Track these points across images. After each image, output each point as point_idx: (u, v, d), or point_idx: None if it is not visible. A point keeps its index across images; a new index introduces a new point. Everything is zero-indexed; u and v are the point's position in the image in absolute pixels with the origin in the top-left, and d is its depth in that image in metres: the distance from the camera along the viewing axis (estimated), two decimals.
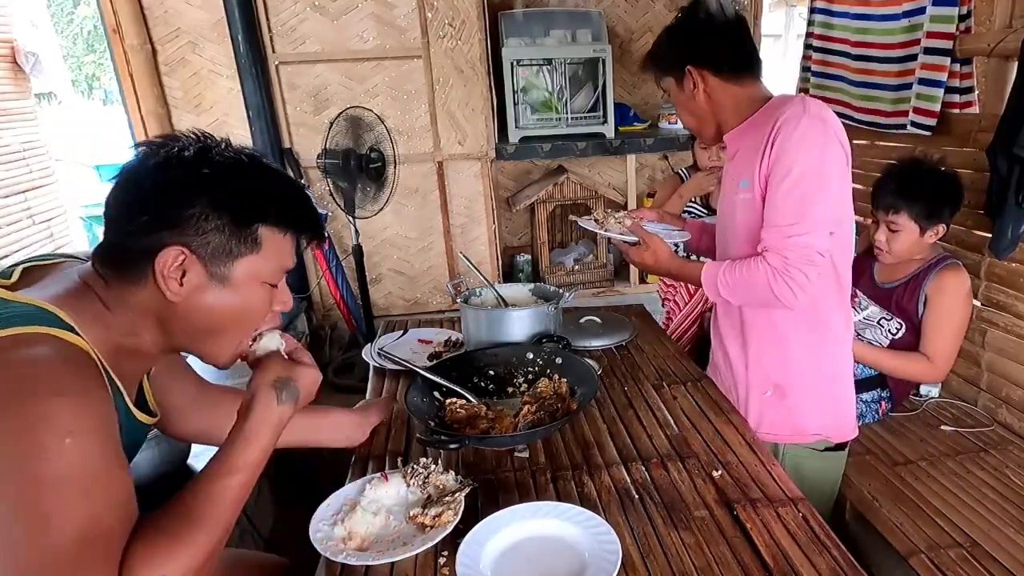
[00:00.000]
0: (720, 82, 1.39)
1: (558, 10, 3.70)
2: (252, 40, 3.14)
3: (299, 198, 0.93)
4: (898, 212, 1.84)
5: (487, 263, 3.73)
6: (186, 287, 0.83)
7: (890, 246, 1.89)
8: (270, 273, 0.89)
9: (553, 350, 1.50)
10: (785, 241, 1.27)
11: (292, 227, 0.91)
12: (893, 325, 1.96)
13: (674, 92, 1.46)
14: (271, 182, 0.90)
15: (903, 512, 1.59)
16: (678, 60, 1.40)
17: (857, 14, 2.53)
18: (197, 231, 0.82)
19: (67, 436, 0.71)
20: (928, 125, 2.25)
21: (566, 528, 1.04)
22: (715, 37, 1.39)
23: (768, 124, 1.31)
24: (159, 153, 0.83)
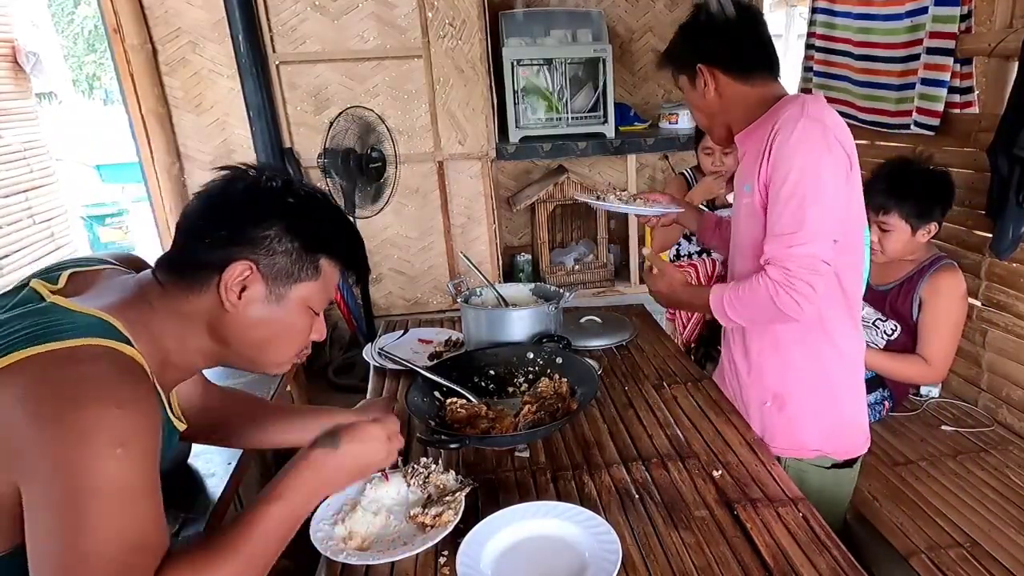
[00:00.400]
0: (730, 81, 1.35)
1: (558, 10, 3.70)
2: (252, 40, 3.14)
3: (357, 239, 1.02)
4: (888, 212, 1.84)
5: (487, 263, 3.73)
6: (244, 300, 0.88)
7: (882, 246, 1.88)
8: (318, 301, 0.96)
9: (553, 350, 1.50)
10: (786, 251, 1.22)
11: (347, 263, 0.99)
12: (888, 327, 1.95)
13: (687, 90, 1.43)
14: (338, 220, 0.98)
15: (903, 512, 1.59)
16: (690, 58, 1.38)
17: (860, 14, 2.53)
18: (268, 251, 0.89)
19: (119, 447, 0.73)
20: (931, 125, 2.25)
21: (566, 528, 1.04)
22: (725, 35, 1.35)
23: (769, 126, 1.28)
24: (248, 176, 0.91)
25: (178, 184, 3.47)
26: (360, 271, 1.02)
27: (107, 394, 0.75)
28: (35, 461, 0.73)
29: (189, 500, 1.60)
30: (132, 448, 0.75)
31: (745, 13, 1.35)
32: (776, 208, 1.25)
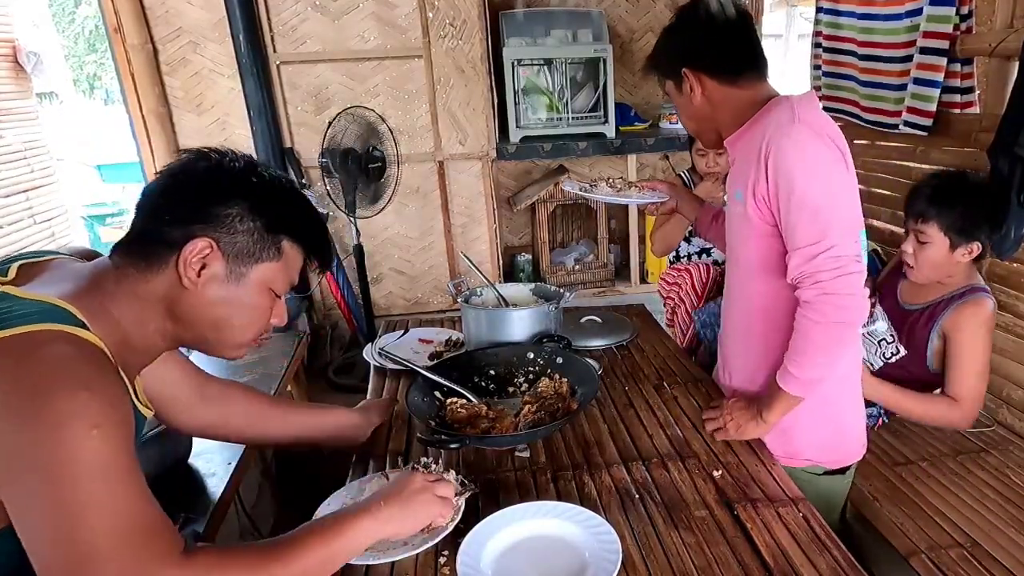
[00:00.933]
0: (717, 84, 1.32)
1: (559, 10, 3.70)
2: (253, 40, 3.14)
3: (321, 225, 1.02)
4: (927, 221, 1.67)
5: (488, 263, 3.73)
6: (203, 278, 0.88)
7: (916, 260, 1.72)
8: (280, 283, 0.96)
9: (554, 350, 1.50)
10: (812, 263, 1.18)
11: (309, 247, 0.99)
12: (891, 349, 1.85)
13: (674, 95, 1.40)
14: (301, 204, 0.99)
15: (903, 512, 1.59)
16: (674, 62, 1.34)
17: (863, 14, 2.53)
18: (229, 230, 0.89)
19: (94, 428, 0.73)
20: (923, 125, 2.25)
21: (566, 528, 1.04)
22: (710, 38, 1.31)
23: (760, 132, 1.25)
24: (211, 158, 0.92)
25: None
26: (323, 257, 1.02)
27: (71, 377, 0.74)
28: (10, 459, 0.72)
29: (189, 500, 1.60)
30: (107, 428, 0.74)
31: (736, 14, 1.31)
32: (790, 222, 1.21)
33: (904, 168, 2.43)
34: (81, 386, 0.74)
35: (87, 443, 0.72)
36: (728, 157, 1.63)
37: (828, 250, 1.17)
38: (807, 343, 1.22)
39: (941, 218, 1.66)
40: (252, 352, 2.50)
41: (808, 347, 1.22)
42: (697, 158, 2.43)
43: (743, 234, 1.35)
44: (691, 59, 1.32)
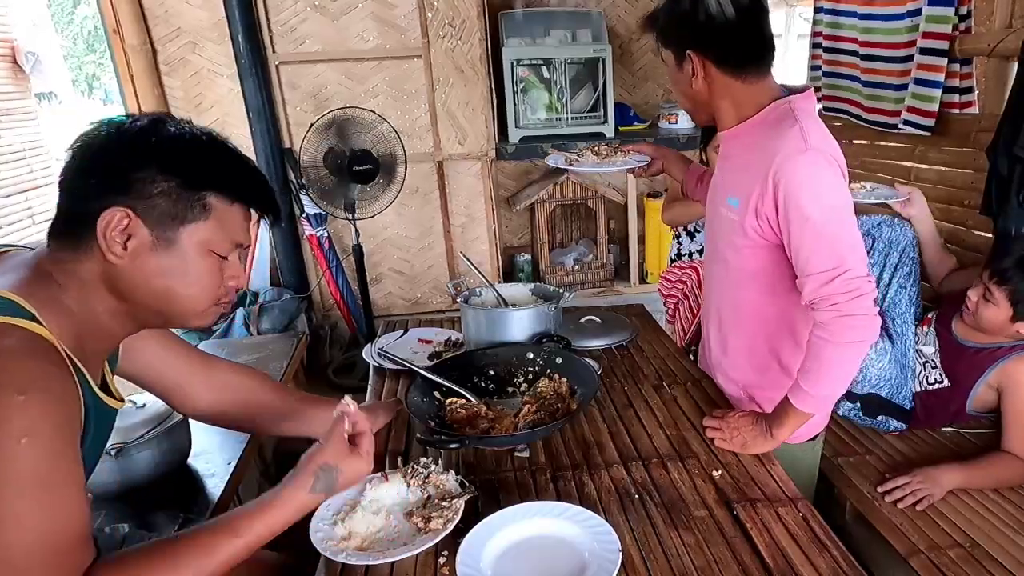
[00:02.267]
0: (720, 73, 1.28)
1: (558, 10, 3.70)
2: (252, 40, 3.14)
3: (251, 172, 0.94)
4: (1001, 284, 1.63)
5: (487, 263, 3.73)
6: (131, 250, 0.84)
7: (978, 313, 1.69)
8: (219, 243, 0.90)
9: (553, 350, 1.50)
10: (828, 286, 1.20)
11: (242, 198, 0.92)
12: (934, 376, 1.83)
13: (671, 67, 1.35)
14: (224, 155, 0.91)
15: (903, 512, 1.59)
16: (680, 40, 1.30)
17: (864, 14, 2.53)
18: (143, 194, 0.83)
19: (24, 437, 0.70)
20: (926, 125, 2.25)
21: (566, 528, 1.04)
22: (723, 27, 1.24)
23: (765, 149, 1.24)
24: (113, 123, 0.86)
25: None
26: (264, 207, 0.95)
27: (5, 381, 0.71)
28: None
29: (189, 500, 1.60)
30: (38, 438, 0.71)
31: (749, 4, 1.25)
32: (803, 248, 1.22)
33: (904, 168, 2.43)
34: (15, 390, 0.71)
35: (13, 454, 0.70)
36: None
37: (844, 274, 1.19)
38: (821, 363, 1.24)
39: (1013, 288, 1.62)
40: (250, 352, 2.51)
41: (823, 366, 1.24)
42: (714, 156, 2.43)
43: (734, 242, 1.36)
44: (699, 43, 1.28)
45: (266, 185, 0.96)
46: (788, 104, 1.28)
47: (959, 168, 2.16)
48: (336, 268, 3.54)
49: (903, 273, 1.92)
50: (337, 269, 3.54)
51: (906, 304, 1.91)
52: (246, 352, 2.54)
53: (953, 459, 1.77)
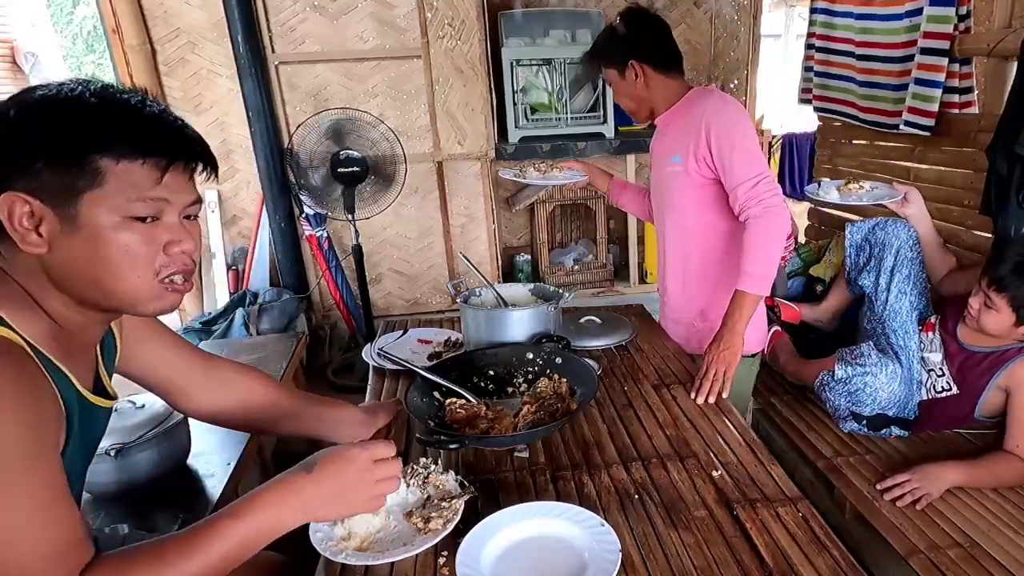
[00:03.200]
0: (655, 74, 1.77)
1: (558, 10, 3.70)
2: (252, 40, 3.14)
3: (147, 120, 0.81)
4: (1000, 292, 1.63)
5: (487, 263, 3.73)
6: (46, 237, 0.77)
7: (980, 319, 1.69)
8: (128, 207, 0.79)
9: (553, 350, 1.50)
10: (754, 189, 1.64)
11: (140, 151, 0.79)
12: (942, 383, 1.82)
13: (615, 80, 1.81)
14: (104, 110, 0.79)
15: (903, 512, 1.59)
16: (623, 55, 1.76)
17: (860, 14, 2.53)
18: (28, 173, 0.75)
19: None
20: (926, 125, 2.25)
21: (566, 528, 1.04)
22: (654, 38, 1.77)
23: (694, 114, 1.72)
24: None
25: None
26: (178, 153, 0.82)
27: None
28: None
29: (188, 501, 1.60)
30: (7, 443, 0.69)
31: (662, 22, 1.80)
32: (733, 168, 1.66)
33: (903, 168, 2.43)
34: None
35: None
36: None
37: (764, 179, 1.65)
38: (760, 246, 1.63)
39: (1016, 295, 1.62)
40: (249, 352, 2.51)
41: (760, 250, 1.63)
42: None
43: (681, 187, 1.81)
44: (638, 53, 1.76)
45: (174, 129, 0.84)
46: (705, 87, 1.80)
47: (959, 168, 2.16)
48: (336, 268, 3.54)
49: (901, 277, 1.92)
50: (337, 269, 3.54)
51: (907, 311, 1.89)
52: (245, 352, 2.54)
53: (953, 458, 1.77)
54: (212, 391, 1.19)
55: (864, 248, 2.03)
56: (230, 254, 3.63)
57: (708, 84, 4.09)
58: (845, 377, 1.84)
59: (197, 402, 1.18)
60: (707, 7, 3.93)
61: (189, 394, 1.17)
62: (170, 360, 1.13)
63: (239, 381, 1.23)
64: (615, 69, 1.79)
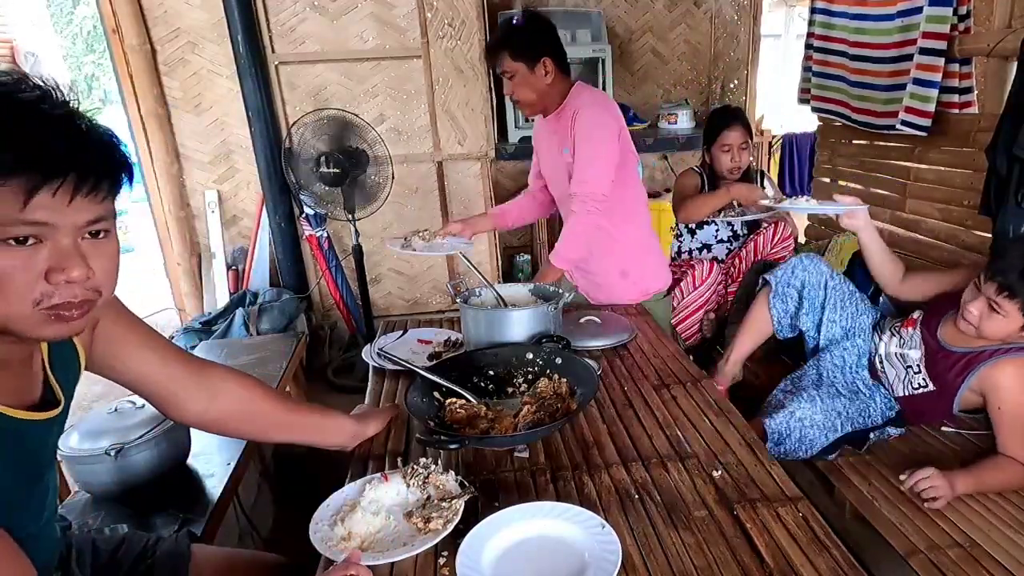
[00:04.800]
0: (558, 72, 1.95)
1: (557, 10, 3.70)
2: (252, 40, 3.14)
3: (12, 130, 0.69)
4: (1012, 298, 1.57)
5: (487, 263, 3.73)
6: None
7: (981, 323, 1.63)
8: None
9: (553, 350, 1.50)
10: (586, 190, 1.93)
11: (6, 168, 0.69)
12: (918, 380, 1.82)
13: (523, 73, 1.93)
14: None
15: (903, 512, 1.59)
16: (539, 51, 1.90)
17: (855, 14, 2.54)
18: None
19: None
20: (923, 126, 2.25)
21: (566, 528, 1.04)
22: (556, 40, 1.97)
23: (570, 106, 1.94)
24: None
25: (177, 184, 3.47)
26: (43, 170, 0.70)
27: None
28: None
29: (188, 501, 1.60)
30: None
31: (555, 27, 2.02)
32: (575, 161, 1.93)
33: (903, 168, 2.44)
34: None
35: None
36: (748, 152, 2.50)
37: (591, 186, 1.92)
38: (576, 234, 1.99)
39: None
40: (249, 352, 2.51)
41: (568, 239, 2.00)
42: (720, 154, 2.47)
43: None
44: (551, 52, 1.92)
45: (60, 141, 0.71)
46: (582, 84, 2.04)
47: (958, 168, 2.16)
48: (336, 268, 3.53)
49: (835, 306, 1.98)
50: (336, 269, 3.54)
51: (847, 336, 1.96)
52: (245, 352, 2.54)
53: (954, 459, 1.78)
54: (203, 399, 1.17)
55: (790, 293, 2.04)
56: (230, 254, 3.63)
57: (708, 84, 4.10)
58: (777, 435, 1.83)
59: (187, 410, 1.16)
60: (707, 7, 3.94)
61: (179, 402, 1.14)
62: (158, 367, 1.10)
63: (230, 389, 1.21)
64: (525, 63, 1.91)
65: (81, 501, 1.60)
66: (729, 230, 2.59)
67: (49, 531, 0.99)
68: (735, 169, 2.46)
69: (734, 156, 2.43)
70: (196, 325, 3.22)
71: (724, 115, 2.52)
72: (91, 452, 1.53)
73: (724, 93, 4.03)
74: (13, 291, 0.72)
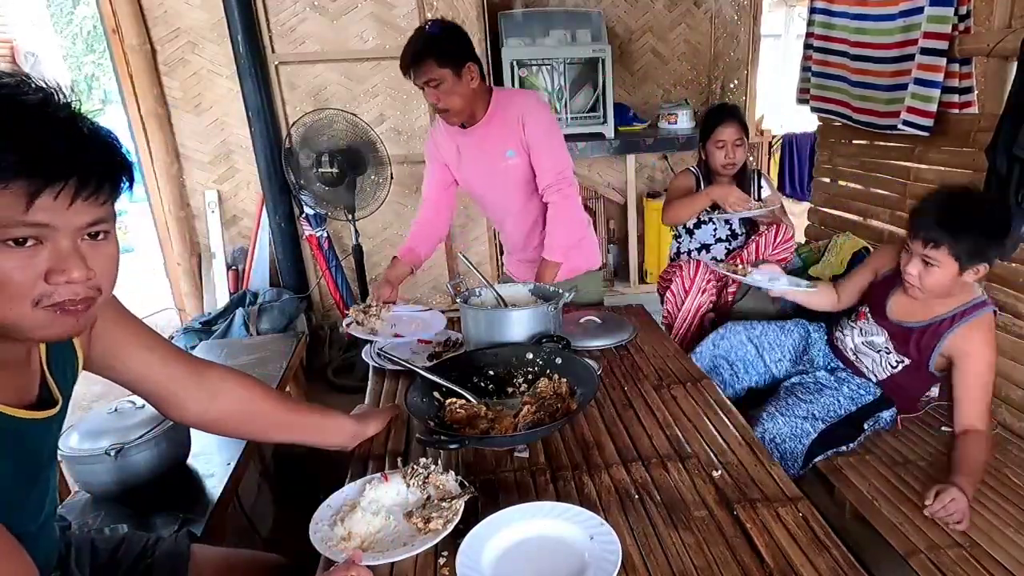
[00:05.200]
0: (479, 78, 1.98)
1: (558, 10, 3.70)
2: (252, 40, 3.14)
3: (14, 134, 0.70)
4: (938, 246, 1.63)
5: (487, 263, 3.73)
6: None
7: (922, 282, 1.69)
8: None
9: (553, 350, 1.50)
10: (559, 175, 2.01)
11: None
12: (894, 359, 1.85)
13: (449, 79, 1.90)
14: None
15: (903, 512, 1.59)
16: (464, 57, 1.91)
17: (856, 14, 2.54)
18: None
19: None
20: (925, 126, 2.25)
21: (566, 528, 1.04)
22: (473, 47, 1.97)
23: (512, 110, 1.99)
24: None
25: (177, 184, 3.47)
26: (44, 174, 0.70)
27: None
28: None
29: (188, 501, 1.60)
30: None
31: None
32: (544, 156, 2.01)
33: (903, 168, 2.44)
34: None
35: None
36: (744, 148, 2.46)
37: (565, 170, 2.02)
38: (559, 224, 2.05)
39: (953, 244, 1.62)
40: (249, 352, 2.51)
41: (560, 226, 2.06)
42: (715, 151, 2.46)
43: (519, 178, 2.08)
44: (474, 57, 1.95)
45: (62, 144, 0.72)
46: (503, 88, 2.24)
47: (958, 168, 2.16)
48: (336, 268, 3.53)
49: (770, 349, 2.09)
50: (337, 269, 3.54)
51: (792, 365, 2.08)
52: (245, 352, 2.54)
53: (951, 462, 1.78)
54: (202, 400, 1.17)
55: (720, 364, 2.12)
56: (230, 254, 3.63)
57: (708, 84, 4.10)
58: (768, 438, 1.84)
59: (187, 410, 1.16)
60: (707, 7, 3.94)
61: (179, 402, 1.15)
62: (157, 368, 1.10)
63: (230, 389, 1.21)
64: (451, 69, 1.88)
65: (81, 501, 1.60)
66: (727, 229, 2.59)
67: (48, 531, 0.99)
68: (729, 165, 2.45)
69: (728, 152, 2.43)
70: (196, 325, 3.22)
71: (720, 111, 2.52)
72: (91, 452, 1.53)
73: (724, 93, 4.03)
74: (13, 292, 0.73)
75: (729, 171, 2.48)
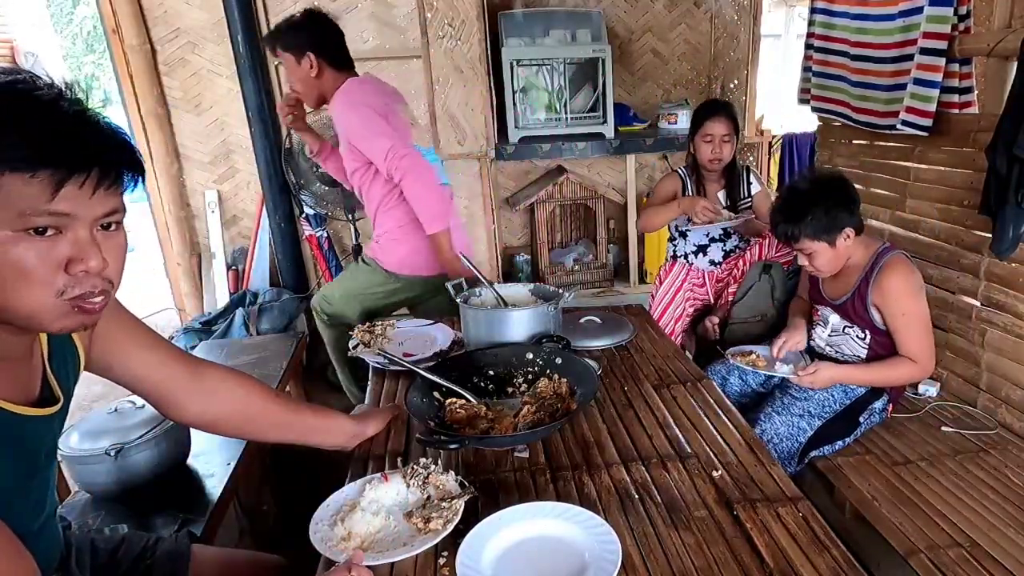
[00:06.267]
0: (328, 67, 2.11)
1: (558, 10, 3.70)
2: (252, 40, 3.14)
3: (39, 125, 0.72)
4: (798, 240, 1.80)
5: (487, 263, 3.73)
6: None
7: (814, 268, 1.86)
8: (21, 222, 0.72)
9: (553, 350, 1.50)
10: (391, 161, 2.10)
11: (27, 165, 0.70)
12: (857, 332, 1.91)
13: (291, 65, 2.12)
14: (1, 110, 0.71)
15: (903, 512, 1.59)
16: (302, 46, 2.07)
17: (856, 14, 2.53)
18: None
19: None
20: (923, 125, 2.25)
21: (566, 528, 1.04)
22: (330, 40, 2.13)
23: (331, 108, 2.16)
24: None
25: (177, 184, 3.47)
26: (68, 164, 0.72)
27: None
28: None
29: (188, 501, 1.60)
30: None
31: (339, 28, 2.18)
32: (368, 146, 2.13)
33: (903, 168, 2.43)
34: None
35: None
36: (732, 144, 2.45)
37: (392, 149, 2.09)
38: (419, 200, 2.14)
39: (805, 233, 1.78)
40: (249, 352, 2.51)
41: (422, 201, 2.14)
42: (702, 144, 2.45)
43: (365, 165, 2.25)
44: (316, 49, 2.09)
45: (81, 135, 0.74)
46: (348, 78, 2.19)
47: (958, 168, 2.16)
48: (335, 268, 3.53)
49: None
50: (336, 269, 3.54)
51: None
52: (245, 352, 2.54)
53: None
54: (201, 400, 1.17)
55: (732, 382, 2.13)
56: (230, 254, 3.63)
57: (709, 84, 4.10)
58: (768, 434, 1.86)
59: (186, 410, 1.16)
60: (707, 7, 3.93)
61: (178, 402, 1.15)
62: (157, 368, 1.11)
63: (229, 389, 1.21)
64: (293, 55, 2.10)
65: (81, 501, 1.60)
66: (719, 229, 2.58)
67: (49, 530, 0.99)
68: (715, 161, 2.43)
69: (715, 148, 2.41)
70: (196, 325, 3.22)
71: (710, 106, 2.50)
72: (91, 452, 1.53)
73: (724, 93, 4.02)
74: (37, 281, 0.74)
75: (716, 167, 2.47)
